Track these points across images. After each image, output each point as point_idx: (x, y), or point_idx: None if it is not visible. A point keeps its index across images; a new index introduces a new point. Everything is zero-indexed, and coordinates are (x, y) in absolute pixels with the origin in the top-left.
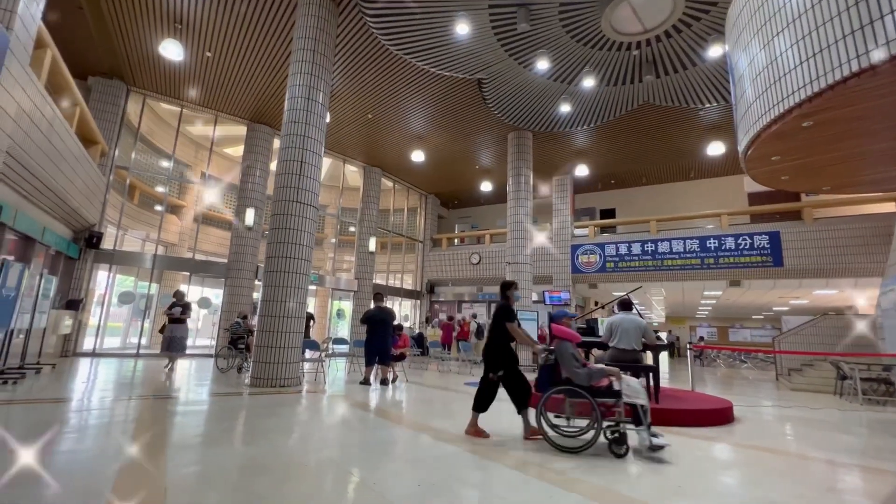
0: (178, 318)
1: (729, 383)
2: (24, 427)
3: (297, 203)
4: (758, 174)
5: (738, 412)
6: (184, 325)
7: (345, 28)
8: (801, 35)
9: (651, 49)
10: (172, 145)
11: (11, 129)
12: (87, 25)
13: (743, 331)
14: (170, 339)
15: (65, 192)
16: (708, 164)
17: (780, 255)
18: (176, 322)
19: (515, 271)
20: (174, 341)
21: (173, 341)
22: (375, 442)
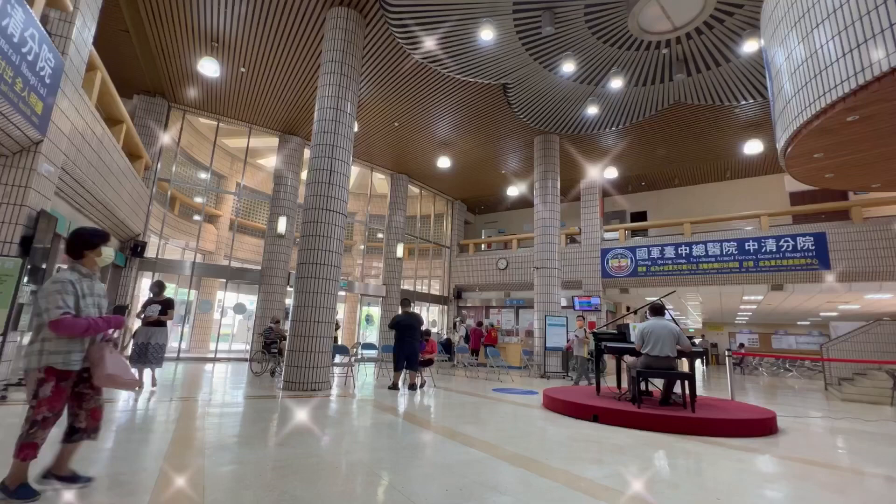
0: (156, 319)
1: (772, 393)
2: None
3: (327, 211)
4: (799, 172)
5: (782, 423)
6: (163, 330)
7: (371, 39)
8: (842, 26)
9: (681, 47)
10: (210, 158)
11: (66, 147)
12: (132, 47)
13: (787, 337)
14: (144, 347)
15: (113, 205)
16: (745, 164)
17: (826, 258)
18: (153, 325)
19: (543, 276)
20: (151, 350)
21: (149, 350)
22: (404, 446)
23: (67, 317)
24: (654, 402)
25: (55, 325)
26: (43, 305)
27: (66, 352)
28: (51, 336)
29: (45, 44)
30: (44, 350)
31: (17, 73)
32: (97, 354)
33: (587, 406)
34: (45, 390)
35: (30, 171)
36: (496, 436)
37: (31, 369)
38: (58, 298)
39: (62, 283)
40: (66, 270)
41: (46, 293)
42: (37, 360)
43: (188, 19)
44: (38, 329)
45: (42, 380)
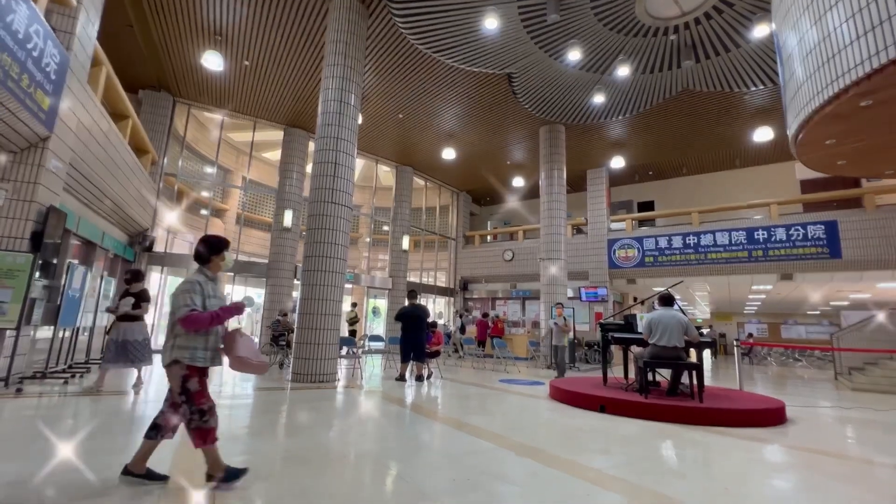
0: (131, 314)
1: (781, 383)
2: (91, 417)
3: (332, 204)
4: (811, 160)
5: (791, 413)
6: (138, 325)
7: (374, 30)
8: (856, 8)
9: (690, 32)
10: (215, 152)
11: (73, 143)
12: (136, 42)
13: (797, 327)
14: (122, 346)
15: (120, 199)
16: (754, 151)
17: (837, 246)
18: (126, 320)
19: (550, 267)
20: (131, 348)
21: (129, 348)
22: (411, 437)
23: (194, 312)
24: (662, 393)
25: (184, 320)
26: (175, 304)
27: (192, 347)
28: (181, 332)
29: (50, 40)
30: (176, 346)
31: (23, 69)
32: (230, 339)
33: (594, 396)
34: (193, 385)
35: (38, 167)
36: (503, 426)
37: (169, 363)
38: (187, 297)
39: (191, 283)
40: (195, 273)
41: (178, 293)
42: (168, 355)
43: (191, 13)
44: (172, 327)
45: (187, 375)
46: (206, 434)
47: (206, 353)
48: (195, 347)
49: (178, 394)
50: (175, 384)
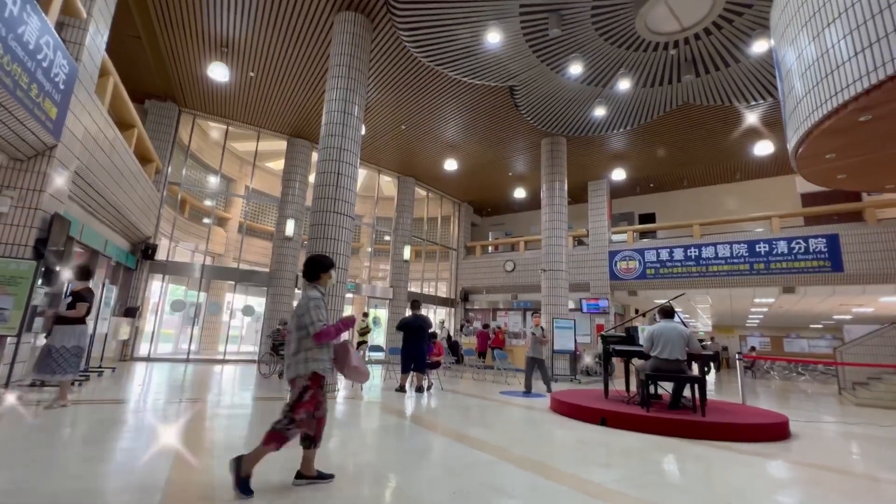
0: (67, 316)
1: (785, 397)
2: (89, 425)
3: (334, 213)
4: (811, 173)
5: (795, 428)
6: (71, 329)
7: (378, 42)
8: (855, 25)
9: (690, 47)
10: (219, 161)
11: (79, 151)
12: (144, 53)
13: (799, 341)
14: (46, 351)
15: (124, 208)
16: (755, 165)
17: (839, 260)
18: (60, 322)
19: (551, 279)
20: (53, 355)
21: (52, 355)
22: (411, 449)
23: (327, 327)
24: (664, 406)
25: (320, 335)
26: (307, 320)
27: (324, 359)
28: (312, 346)
29: (60, 50)
30: (309, 358)
31: (32, 79)
32: (343, 351)
33: (595, 409)
34: (308, 394)
35: (44, 175)
36: (503, 439)
37: (299, 376)
38: (320, 312)
39: (318, 299)
40: (310, 289)
41: (308, 309)
42: (304, 367)
43: (198, 25)
44: (300, 341)
45: (307, 386)
46: (281, 439)
47: (329, 364)
48: (325, 359)
49: (294, 399)
50: (295, 392)
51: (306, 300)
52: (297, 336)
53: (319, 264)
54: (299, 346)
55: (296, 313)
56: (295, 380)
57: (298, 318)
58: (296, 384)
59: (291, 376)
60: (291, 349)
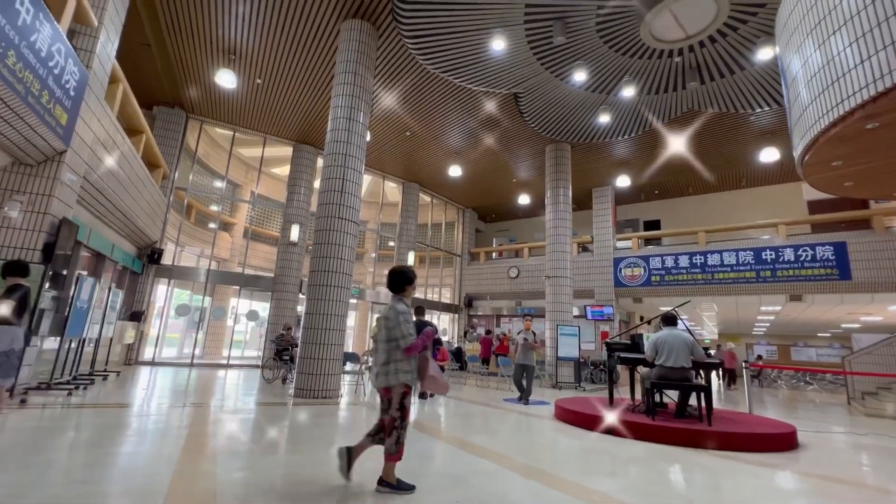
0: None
1: (792, 406)
2: (93, 429)
3: (339, 219)
4: (817, 181)
5: (803, 438)
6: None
7: (384, 50)
8: (860, 33)
9: (694, 55)
10: (225, 167)
11: (88, 157)
12: (152, 60)
13: (807, 349)
14: None
15: (131, 212)
16: (761, 172)
17: (847, 268)
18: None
19: (555, 285)
20: None
21: None
22: (414, 455)
23: (416, 340)
24: (669, 415)
25: (410, 348)
26: (398, 333)
27: (412, 370)
28: (401, 357)
29: (71, 58)
30: (399, 370)
31: (43, 85)
32: (423, 362)
33: (600, 417)
34: (408, 401)
35: (53, 181)
36: (507, 446)
37: (392, 386)
38: (408, 326)
39: (405, 313)
40: (396, 301)
41: (397, 323)
42: (395, 378)
43: (207, 33)
44: (390, 352)
45: (404, 394)
46: (402, 451)
47: (415, 375)
48: (411, 371)
49: (395, 409)
50: (396, 401)
51: (395, 313)
52: (386, 347)
53: (405, 277)
54: (389, 357)
55: (384, 325)
56: (390, 388)
57: (388, 330)
58: (393, 392)
59: (384, 385)
60: (381, 359)
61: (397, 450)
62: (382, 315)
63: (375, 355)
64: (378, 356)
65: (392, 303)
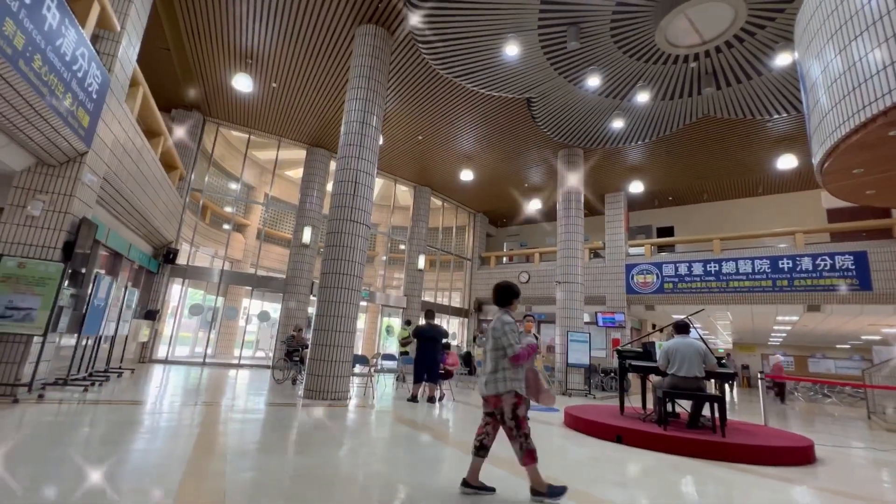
0: None
1: (809, 419)
2: (107, 426)
3: (351, 222)
4: (837, 188)
5: (820, 452)
6: None
7: (398, 54)
8: (883, 38)
9: (710, 60)
10: (240, 169)
11: (108, 158)
12: (172, 64)
13: (825, 361)
14: None
15: (148, 213)
16: (778, 179)
17: (867, 278)
18: None
19: (566, 291)
20: None
21: None
22: (422, 459)
23: (522, 350)
24: (682, 425)
25: (517, 357)
26: (505, 342)
27: (520, 379)
28: (508, 366)
29: (94, 62)
30: (507, 378)
31: (67, 88)
32: (532, 377)
33: (611, 426)
34: (522, 410)
35: (75, 181)
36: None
37: (501, 393)
38: (515, 336)
39: (512, 324)
40: (503, 313)
41: (504, 332)
42: (503, 385)
43: (225, 38)
44: (497, 361)
45: (516, 403)
46: (532, 453)
47: (523, 384)
48: (519, 379)
49: (509, 419)
50: (508, 411)
51: (501, 324)
52: (494, 356)
53: (512, 292)
54: (497, 366)
55: (492, 335)
56: (499, 396)
57: (495, 339)
58: (503, 401)
59: (492, 392)
60: (489, 367)
61: (525, 455)
62: (490, 326)
63: (483, 364)
64: (485, 365)
65: (499, 314)
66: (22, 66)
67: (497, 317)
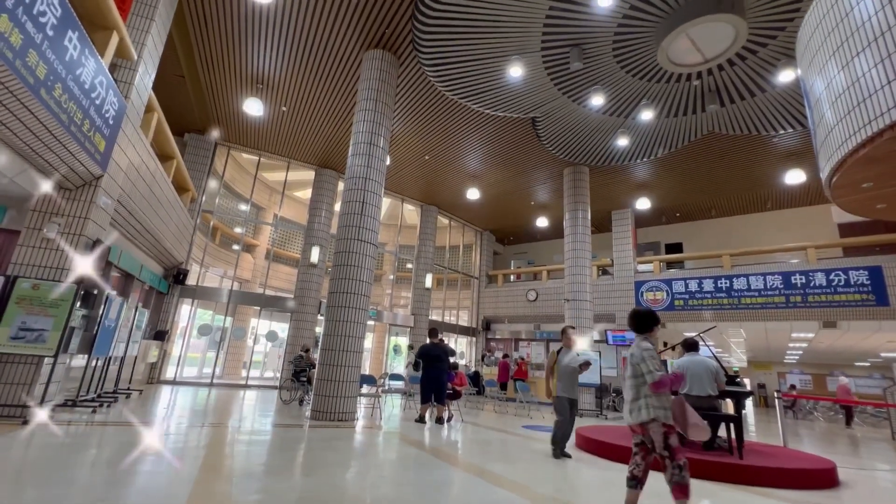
0: None
1: (831, 440)
2: (114, 447)
3: (358, 241)
4: (847, 203)
5: (843, 475)
6: None
7: (404, 77)
8: (885, 54)
9: (713, 78)
10: (250, 190)
11: (122, 181)
12: (186, 91)
13: (844, 379)
14: None
15: (160, 234)
16: (787, 194)
17: (883, 293)
18: None
19: (574, 309)
20: None
21: None
22: (430, 483)
23: (663, 377)
24: (697, 446)
25: (658, 384)
26: (644, 369)
27: (664, 407)
28: (650, 393)
29: (112, 89)
30: (649, 405)
31: (85, 115)
32: (679, 408)
33: (624, 448)
34: (674, 440)
35: (90, 204)
36: (526, 476)
37: (645, 422)
38: (657, 363)
39: (652, 350)
40: (643, 340)
41: (643, 359)
42: (646, 413)
43: (237, 64)
44: (638, 389)
45: (667, 432)
46: (685, 488)
47: (669, 412)
48: (665, 407)
49: (661, 449)
50: (658, 440)
51: (640, 350)
52: (634, 383)
53: (651, 319)
54: (638, 393)
55: (630, 362)
56: (645, 424)
57: (634, 366)
58: (650, 430)
59: (636, 421)
60: (630, 395)
61: (675, 488)
62: (629, 353)
63: (624, 392)
64: (626, 392)
65: (638, 341)
66: (43, 95)
67: (636, 343)
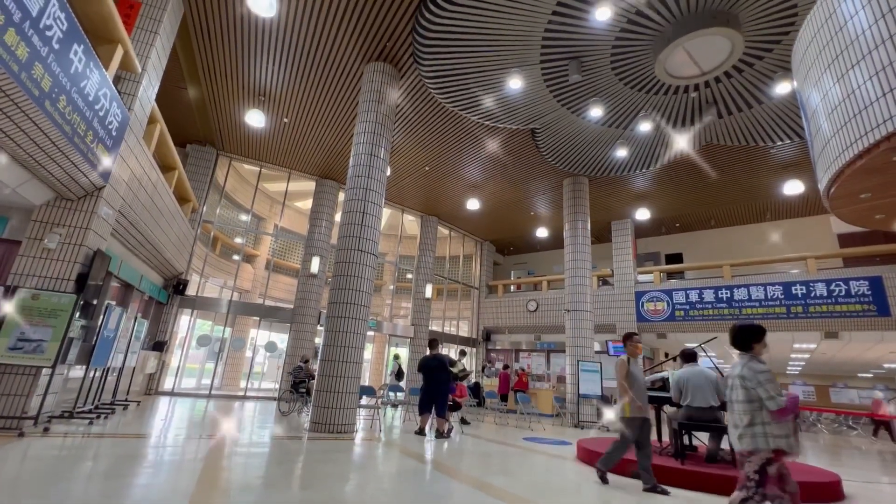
0: None
1: (835, 453)
2: (111, 460)
3: (359, 251)
4: (845, 213)
5: (849, 489)
6: None
7: (405, 89)
8: (879, 67)
9: (711, 90)
10: (251, 201)
11: (124, 192)
12: (188, 102)
13: (848, 391)
14: None
15: (161, 245)
16: (786, 204)
17: (885, 303)
18: None
19: (575, 319)
20: None
21: None
22: (429, 495)
23: (787, 404)
24: (700, 458)
25: (783, 411)
26: (764, 394)
27: (785, 435)
28: (768, 420)
29: (115, 101)
30: (768, 433)
31: (88, 126)
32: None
33: (626, 461)
34: (772, 469)
35: (91, 214)
36: (527, 489)
37: (760, 450)
38: (776, 386)
39: (768, 372)
40: (752, 360)
41: (760, 382)
42: (763, 441)
43: (240, 76)
44: (753, 413)
45: (770, 460)
46: None
47: (792, 440)
48: (785, 436)
49: (752, 471)
50: (755, 462)
51: (753, 373)
52: (749, 408)
53: (752, 334)
54: (753, 419)
55: (741, 384)
56: (754, 452)
57: (747, 390)
58: (757, 456)
59: (749, 447)
60: (744, 420)
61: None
62: (737, 374)
63: (732, 416)
64: (735, 416)
65: (744, 360)
66: (48, 107)
67: (743, 363)
